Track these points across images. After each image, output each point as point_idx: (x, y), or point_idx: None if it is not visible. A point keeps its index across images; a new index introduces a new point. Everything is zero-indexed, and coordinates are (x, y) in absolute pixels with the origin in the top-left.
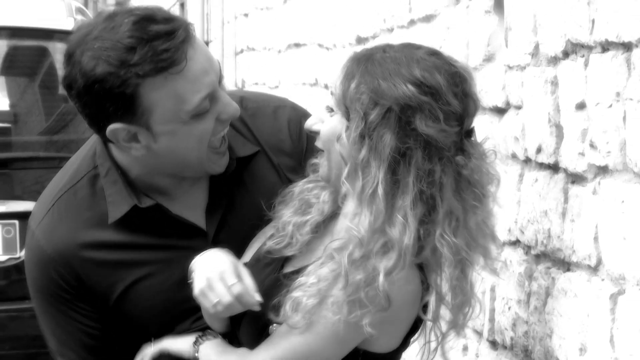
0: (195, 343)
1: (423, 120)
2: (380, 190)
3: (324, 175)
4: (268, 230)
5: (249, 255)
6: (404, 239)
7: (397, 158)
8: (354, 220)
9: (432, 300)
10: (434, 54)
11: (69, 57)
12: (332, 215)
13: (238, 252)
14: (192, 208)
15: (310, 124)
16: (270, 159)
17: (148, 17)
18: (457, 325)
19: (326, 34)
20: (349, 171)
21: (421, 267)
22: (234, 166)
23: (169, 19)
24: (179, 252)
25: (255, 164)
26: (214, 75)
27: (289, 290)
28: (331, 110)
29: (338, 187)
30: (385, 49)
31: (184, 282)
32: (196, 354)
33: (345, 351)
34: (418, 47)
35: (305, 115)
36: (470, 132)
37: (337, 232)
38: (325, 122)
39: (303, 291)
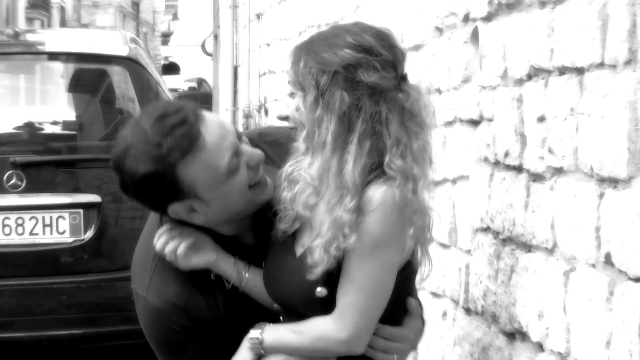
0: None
1: (365, 73)
2: (329, 138)
3: (302, 147)
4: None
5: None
6: (355, 172)
7: (348, 110)
8: (308, 170)
9: None
10: (357, 23)
11: (117, 167)
12: None
13: None
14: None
15: (279, 113)
16: None
17: (162, 115)
18: (422, 241)
19: None
20: (307, 132)
21: None
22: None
23: (178, 109)
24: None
25: None
26: (230, 136)
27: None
28: (292, 94)
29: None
30: (318, 33)
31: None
32: (261, 341)
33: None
34: (344, 24)
35: None
36: (404, 77)
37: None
38: (290, 105)
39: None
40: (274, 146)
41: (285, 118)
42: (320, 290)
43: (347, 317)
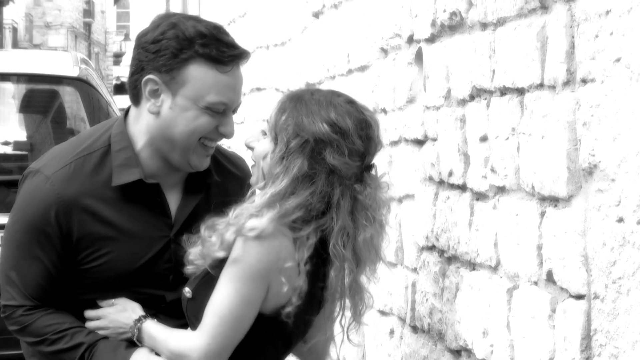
0: (138, 321)
1: (331, 153)
2: (271, 191)
3: (254, 181)
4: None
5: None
6: (263, 220)
7: (302, 179)
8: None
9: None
10: (350, 102)
11: (156, 23)
12: None
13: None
14: (170, 198)
15: (248, 140)
16: (240, 184)
17: (221, 29)
18: (356, 316)
19: (281, 80)
20: (265, 183)
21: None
22: (211, 178)
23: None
24: (148, 227)
25: (225, 182)
26: (237, 98)
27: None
28: (264, 134)
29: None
30: (314, 92)
31: (137, 258)
32: (137, 329)
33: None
34: (339, 95)
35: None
36: (370, 167)
37: None
38: (259, 142)
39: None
40: (230, 160)
41: (251, 149)
42: (187, 291)
43: (205, 341)
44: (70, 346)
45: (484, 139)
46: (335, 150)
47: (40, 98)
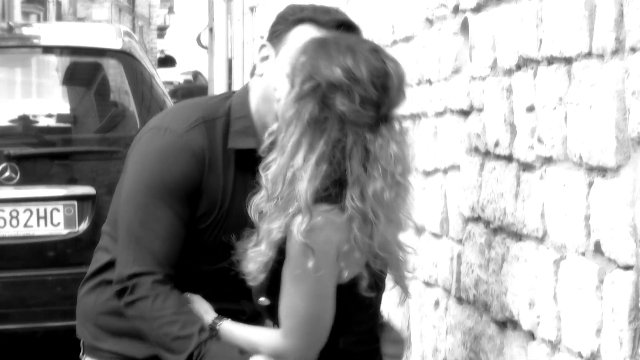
0: (217, 319)
1: (341, 99)
2: (290, 144)
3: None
4: None
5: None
6: (308, 192)
7: (314, 124)
8: (267, 169)
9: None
10: (374, 50)
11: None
12: None
13: None
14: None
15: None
16: None
17: (330, 9)
18: (400, 281)
19: None
20: (278, 126)
21: None
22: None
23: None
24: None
25: None
26: None
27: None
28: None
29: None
30: (339, 38)
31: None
32: (217, 327)
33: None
34: (365, 42)
35: None
36: (386, 118)
37: None
38: (281, 85)
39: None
40: None
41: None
42: (263, 300)
43: (294, 338)
44: (182, 335)
45: (530, 109)
46: (345, 97)
47: (84, 71)
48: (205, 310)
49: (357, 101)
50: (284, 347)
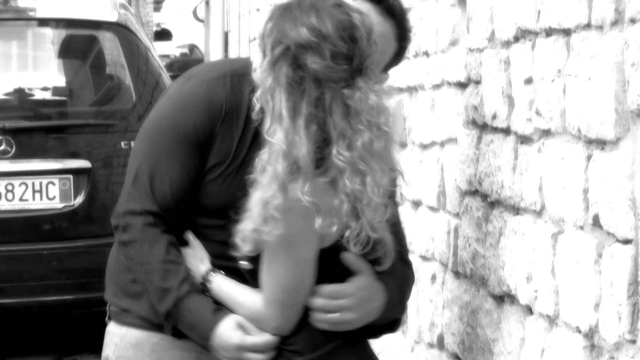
0: (210, 271)
1: (311, 58)
2: (284, 112)
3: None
4: None
5: None
6: (300, 154)
7: (293, 86)
8: (273, 136)
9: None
10: (338, 5)
11: None
12: None
13: None
14: None
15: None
16: None
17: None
18: (370, 227)
19: None
20: (261, 93)
21: None
22: None
23: None
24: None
25: None
26: None
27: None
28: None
29: None
30: (301, 0)
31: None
32: (208, 282)
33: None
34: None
35: None
36: (361, 70)
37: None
38: (254, 57)
39: (245, 221)
40: None
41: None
42: (245, 264)
43: (273, 308)
44: (162, 287)
45: (528, 81)
46: (315, 54)
47: (80, 43)
48: (200, 259)
49: (327, 57)
50: (263, 315)
